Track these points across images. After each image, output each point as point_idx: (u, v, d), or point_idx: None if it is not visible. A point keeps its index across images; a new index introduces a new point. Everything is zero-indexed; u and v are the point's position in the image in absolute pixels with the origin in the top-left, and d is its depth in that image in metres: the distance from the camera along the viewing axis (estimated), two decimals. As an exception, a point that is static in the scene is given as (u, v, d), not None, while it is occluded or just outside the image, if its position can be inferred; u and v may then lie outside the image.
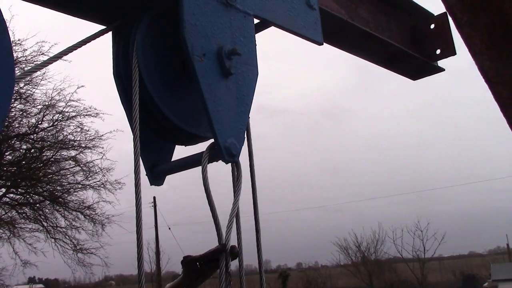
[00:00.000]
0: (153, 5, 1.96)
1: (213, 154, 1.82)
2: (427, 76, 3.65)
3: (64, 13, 2.01)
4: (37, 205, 19.66)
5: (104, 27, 2.04)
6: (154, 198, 37.12)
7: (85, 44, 1.81)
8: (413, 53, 3.42)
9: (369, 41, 3.16)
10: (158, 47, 1.96)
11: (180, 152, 2.15)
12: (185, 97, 2.01)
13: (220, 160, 1.84)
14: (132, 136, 1.92)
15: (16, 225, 19.45)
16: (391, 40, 3.25)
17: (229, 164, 1.91)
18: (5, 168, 18.63)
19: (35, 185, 19.12)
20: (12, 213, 19.40)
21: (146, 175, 2.03)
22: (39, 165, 19.18)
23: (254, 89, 1.98)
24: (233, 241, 1.82)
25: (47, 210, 19.83)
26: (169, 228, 35.70)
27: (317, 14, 2.41)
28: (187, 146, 2.12)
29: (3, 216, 18.99)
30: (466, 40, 1.47)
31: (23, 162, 18.95)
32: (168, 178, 2.10)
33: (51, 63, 1.74)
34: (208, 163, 1.80)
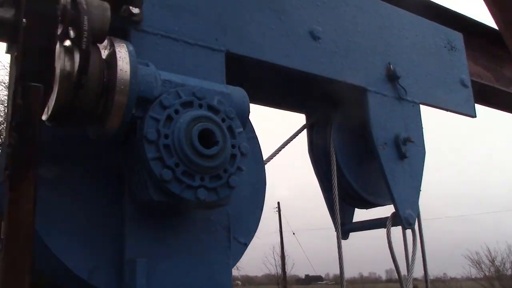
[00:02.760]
0: (342, 104, 2.55)
1: (394, 221, 2.35)
2: None
3: (269, 107, 2.70)
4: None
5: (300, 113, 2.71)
6: (278, 203, 38.40)
7: (295, 137, 2.47)
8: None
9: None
10: (346, 134, 2.54)
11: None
12: (366, 172, 2.57)
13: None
14: (325, 203, 2.55)
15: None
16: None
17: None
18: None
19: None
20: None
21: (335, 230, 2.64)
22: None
23: (423, 166, 2.47)
24: None
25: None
26: (293, 234, 36.64)
27: (470, 91, 2.82)
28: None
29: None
30: None
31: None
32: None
33: (273, 157, 2.40)
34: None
